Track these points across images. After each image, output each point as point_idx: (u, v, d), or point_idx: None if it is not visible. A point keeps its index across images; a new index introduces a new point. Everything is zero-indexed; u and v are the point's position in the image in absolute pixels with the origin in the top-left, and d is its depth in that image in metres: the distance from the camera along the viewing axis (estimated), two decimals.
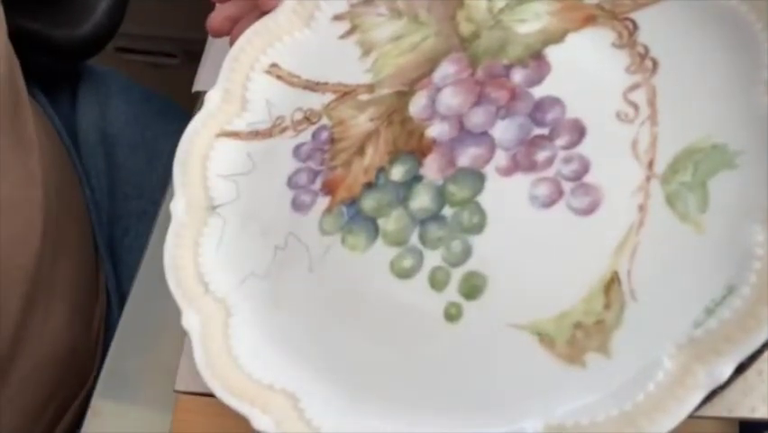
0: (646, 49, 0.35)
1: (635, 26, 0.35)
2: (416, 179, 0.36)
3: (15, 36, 0.49)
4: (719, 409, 0.31)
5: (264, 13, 0.42)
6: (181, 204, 0.39)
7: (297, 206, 0.38)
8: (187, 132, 0.40)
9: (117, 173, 0.66)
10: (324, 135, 0.39)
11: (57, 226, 0.53)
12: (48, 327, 0.52)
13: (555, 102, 0.35)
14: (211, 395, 0.34)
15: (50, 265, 0.52)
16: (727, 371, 0.27)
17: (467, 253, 0.34)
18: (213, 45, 0.54)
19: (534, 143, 0.35)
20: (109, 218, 0.65)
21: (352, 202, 0.37)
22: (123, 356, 0.48)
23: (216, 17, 0.44)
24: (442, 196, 0.35)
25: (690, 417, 0.28)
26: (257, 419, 0.32)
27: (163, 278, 0.37)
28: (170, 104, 0.73)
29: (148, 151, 0.67)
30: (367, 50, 0.41)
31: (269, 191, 0.39)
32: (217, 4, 0.44)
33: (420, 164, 0.36)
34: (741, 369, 0.28)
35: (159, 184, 0.65)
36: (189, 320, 0.36)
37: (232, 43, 0.42)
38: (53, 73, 0.68)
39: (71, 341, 0.55)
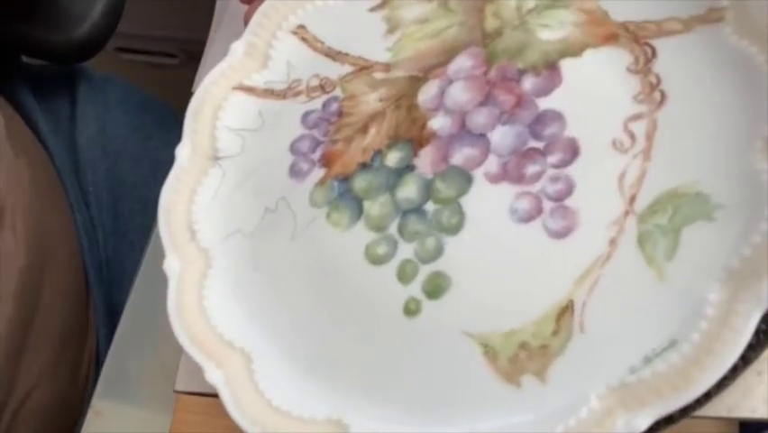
0: (658, 79, 0.34)
1: (654, 53, 0.35)
2: (408, 168, 0.37)
3: (10, 41, 0.47)
4: (719, 409, 0.31)
5: None
6: (187, 149, 0.40)
7: (295, 172, 0.39)
8: (206, 81, 0.41)
9: (120, 189, 0.65)
10: (334, 107, 0.40)
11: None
12: (29, 377, 0.51)
13: (557, 117, 0.35)
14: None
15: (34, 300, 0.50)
16: (644, 424, 0.27)
17: (438, 251, 0.34)
18: (213, 45, 0.54)
19: (527, 156, 0.35)
20: (113, 235, 0.63)
21: (345, 179, 0.38)
22: (123, 356, 0.48)
23: None
24: (428, 190, 0.36)
25: (691, 417, 0.28)
26: (210, 372, 0.34)
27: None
28: (170, 111, 0.71)
29: (151, 163, 0.66)
30: (392, 27, 0.41)
31: (272, 152, 0.40)
32: None
33: (415, 154, 0.37)
34: (736, 370, 0.29)
35: None
36: (171, 264, 0.37)
37: (246, 22, 0.42)
38: (50, 81, 0.68)
39: (56, 389, 0.53)
